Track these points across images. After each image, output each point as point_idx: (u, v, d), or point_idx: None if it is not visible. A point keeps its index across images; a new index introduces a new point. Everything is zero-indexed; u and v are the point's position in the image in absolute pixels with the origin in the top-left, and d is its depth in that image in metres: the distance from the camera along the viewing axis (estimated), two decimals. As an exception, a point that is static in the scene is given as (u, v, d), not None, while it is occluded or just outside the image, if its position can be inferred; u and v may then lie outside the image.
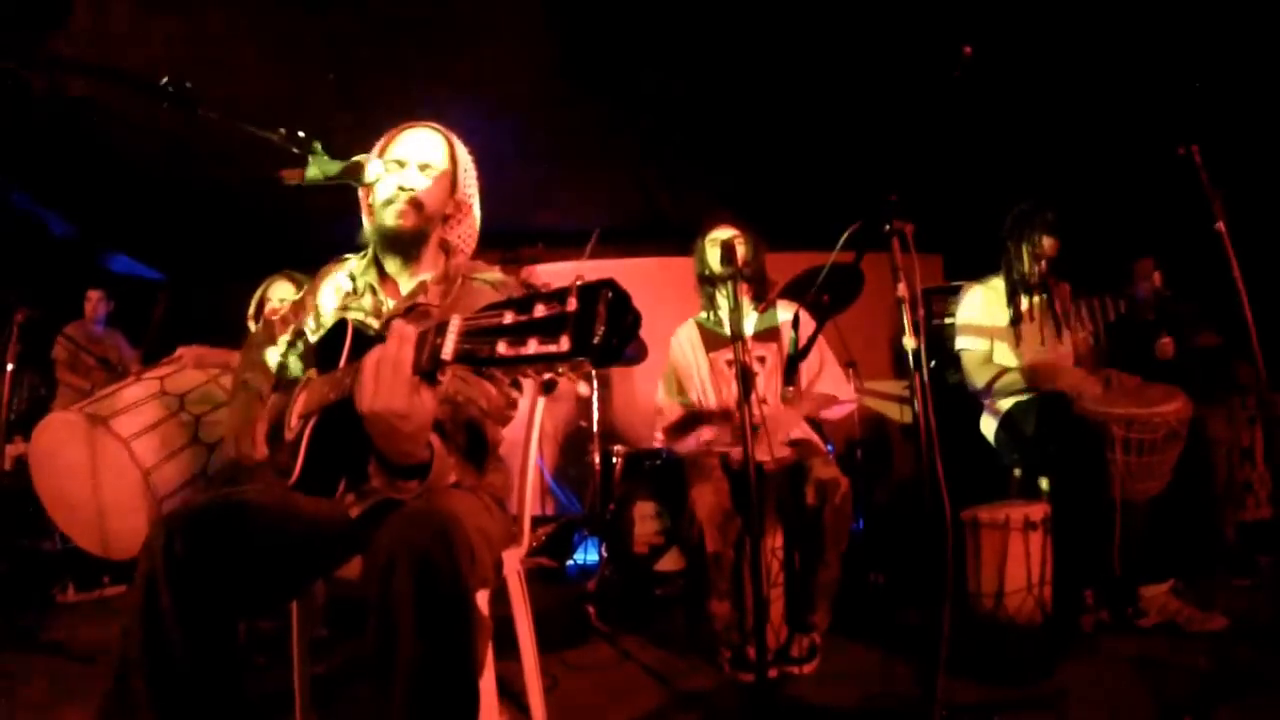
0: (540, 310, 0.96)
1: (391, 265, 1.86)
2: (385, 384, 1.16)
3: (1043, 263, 3.13)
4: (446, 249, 1.91)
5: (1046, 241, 3.13)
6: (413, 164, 1.80)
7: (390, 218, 1.75)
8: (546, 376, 1.02)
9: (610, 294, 0.93)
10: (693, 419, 3.11)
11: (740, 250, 2.97)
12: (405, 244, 1.81)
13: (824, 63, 3.93)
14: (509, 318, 0.98)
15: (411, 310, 1.78)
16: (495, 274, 1.86)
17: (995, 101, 3.82)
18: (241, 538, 1.39)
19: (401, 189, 1.75)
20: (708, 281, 3.18)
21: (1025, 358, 3.11)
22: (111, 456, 2.27)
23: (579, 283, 0.95)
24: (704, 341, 3.22)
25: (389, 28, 3.64)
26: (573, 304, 0.93)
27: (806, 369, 3.08)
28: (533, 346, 0.94)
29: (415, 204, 1.76)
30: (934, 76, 1.92)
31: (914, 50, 3.58)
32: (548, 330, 0.94)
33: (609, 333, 0.91)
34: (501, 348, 0.97)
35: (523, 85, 4.14)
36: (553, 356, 0.93)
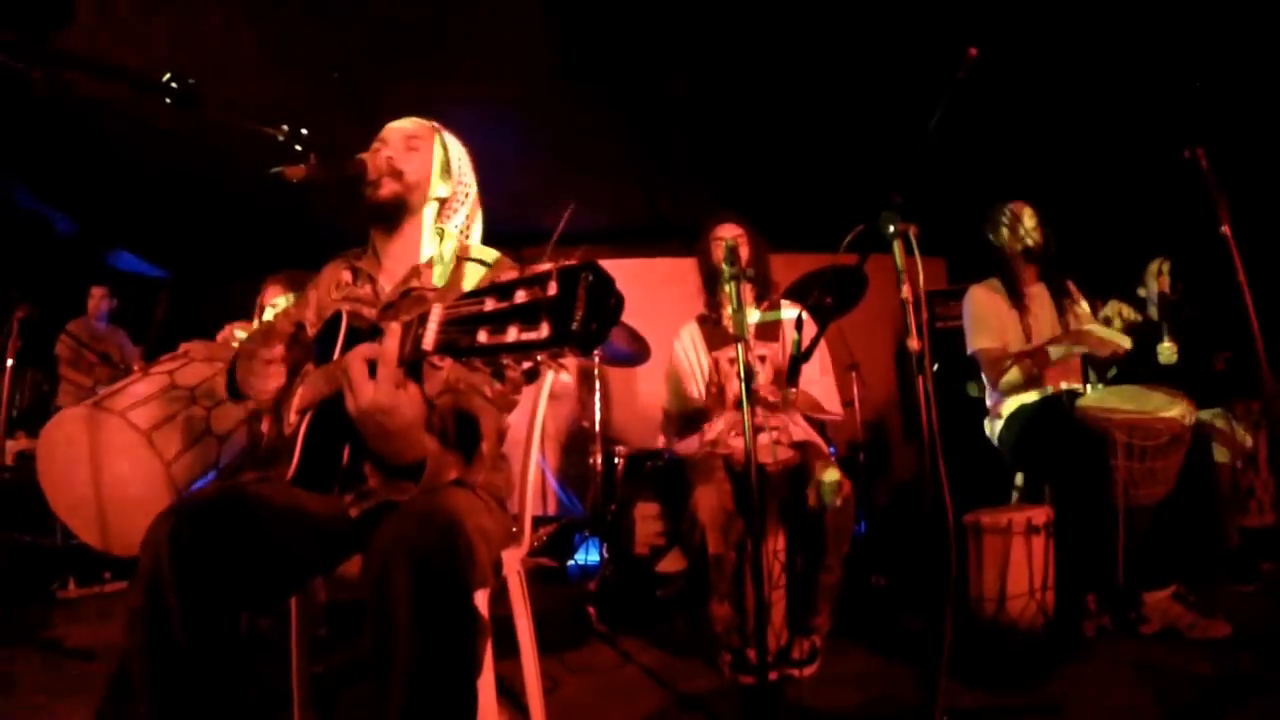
0: (521, 296, 0.94)
1: (384, 246, 1.88)
2: (369, 382, 1.17)
3: (1035, 233, 3.15)
4: (442, 235, 1.92)
5: (1017, 208, 3.20)
6: (393, 140, 1.85)
7: (369, 192, 1.77)
8: (526, 365, 0.99)
9: (590, 277, 0.91)
10: (694, 415, 3.10)
11: (744, 251, 2.98)
12: (388, 214, 1.82)
13: (828, 64, 3.93)
14: (490, 304, 0.97)
15: (406, 295, 1.78)
16: (491, 253, 1.87)
17: (1000, 104, 3.82)
18: (245, 530, 1.38)
19: (382, 161, 1.79)
20: (711, 281, 3.18)
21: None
22: (130, 450, 2.27)
23: (559, 265, 0.93)
24: (706, 340, 3.22)
25: (392, 28, 3.65)
26: (553, 288, 0.92)
27: (806, 373, 3.07)
28: (513, 334, 0.93)
29: (395, 172, 1.79)
30: (938, 78, 1.92)
31: (918, 51, 3.58)
32: (528, 317, 0.92)
33: (588, 317, 0.89)
34: (482, 336, 0.96)
35: (526, 86, 4.15)
36: (533, 344, 0.92)
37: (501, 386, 1.65)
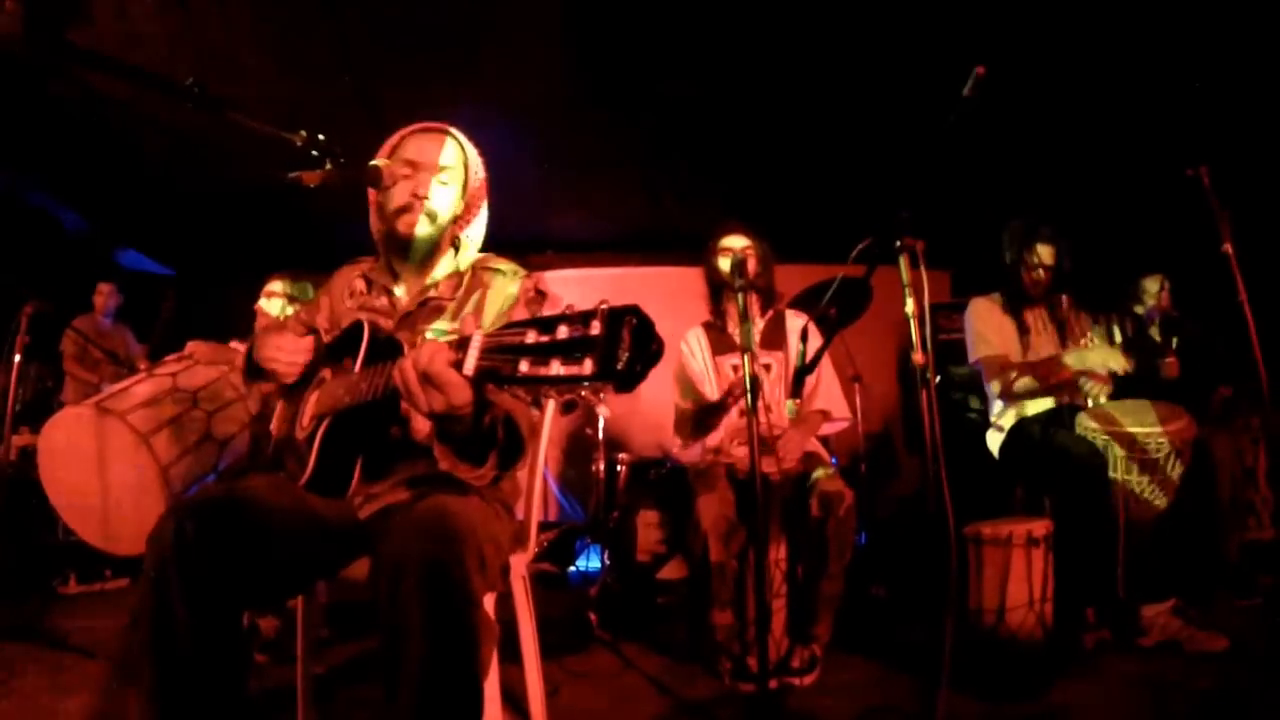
0: (563, 332, 0.98)
1: (401, 259, 1.87)
2: (438, 394, 1.21)
3: (1041, 271, 3.15)
4: (456, 246, 1.92)
5: (1043, 250, 3.16)
6: (426, 171, 1.78)
7: (403, 226, 1.75)
8: (567, 397, 1.04)
9: (635, 320, 0.95)
10: (707, 412, 3.09)
11: (751, 263, 2.98)
12: (418, 251, 1.81)
13: (837, 77, 3.95)
14: (531, 337, 1.00)
15: (424, 305, 1.79)
16: (504, 263, 1.88)
17: (1007, 120, 3.83)
18: (250, 528, 1.40)
19: (416, 197, 1.75)
20: (717, 291, 3.19)
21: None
22: (127, 451, 2.28)
23: (605, 307, 0.97)
24: (710, 346, 3.22)
25: (403, 33, 3.66)
26: (597, 328, 0.96)
27: (809, 381, 3.08)
28: (556, 367, 0.96)
29: (430, 214, 1.77)
30: (947, 91, 1.94)
31: (927, 68, 3.59)
32: (571, 352, 0.96)
33: (633, 359, 0.93)
34: (524, 366, 1.00)
35: (535, 91, 4.16)
36: (577, 379, 0.95)
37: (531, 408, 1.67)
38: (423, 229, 1.76)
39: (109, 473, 2.34)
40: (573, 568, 4.47)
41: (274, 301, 3.53)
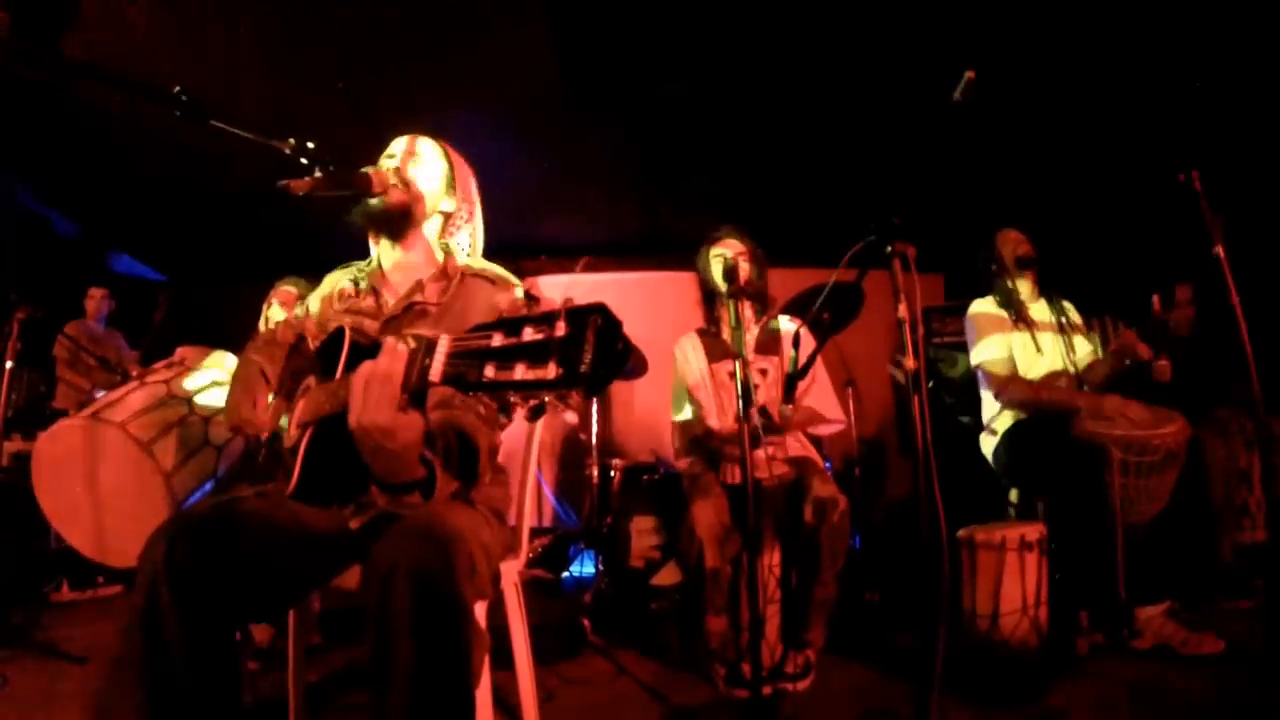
0: (529, 333, 0.94)
1: (388, 258, 1.88)
2: (373, 399, 1.18)
3: (1015, 248, 3.22)
4: (446, 250, 1.93)
5: (1013, 235, 3.27)
6: (401, 152, 1.89)
7: (378, 198, 1.78)
8: (533, 403, 1.00)
9: (600, 320, 0.91)
10: (704, 435, 3.10)
11: (743, 269, 2.98)
12: (392, 220, 1.83)
13: (829, 81, 3.95)
14: (498, 340, 0.97)
15: (409, 309, 1.79)
16: (494, 268, 1.89)
17: (998, 123, 3.84)
18: (242, 544, 1.40)
19: (390, 171, 1.81)
20: (710, 296, 3.19)
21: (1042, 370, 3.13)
22: (128, 461, 2.25)
23: (568, 306, 0.93)
24: (705, 351, 3.22)
25: (395, 40, 3.66)
26: (561, 328, 0.92)
27: (801, 386, 3.07)
28: (520, 371, 0.93)
29: (403, 180, 1.81)
30: (937, 98, 1.94)
31: (918, 71, 3.60)
32: (535, 355, 0.92)
33: (597, 361, 0.90)
34: (489, 371, 0.96)
35: (528, 96, 4.16)
36: (540, 384, 0.92)
37: (500, 415, 1.66)
38: (394, 195, 1.79)
39: (110, 485, 2.31)
40: (566, 574, 4.47)
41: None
